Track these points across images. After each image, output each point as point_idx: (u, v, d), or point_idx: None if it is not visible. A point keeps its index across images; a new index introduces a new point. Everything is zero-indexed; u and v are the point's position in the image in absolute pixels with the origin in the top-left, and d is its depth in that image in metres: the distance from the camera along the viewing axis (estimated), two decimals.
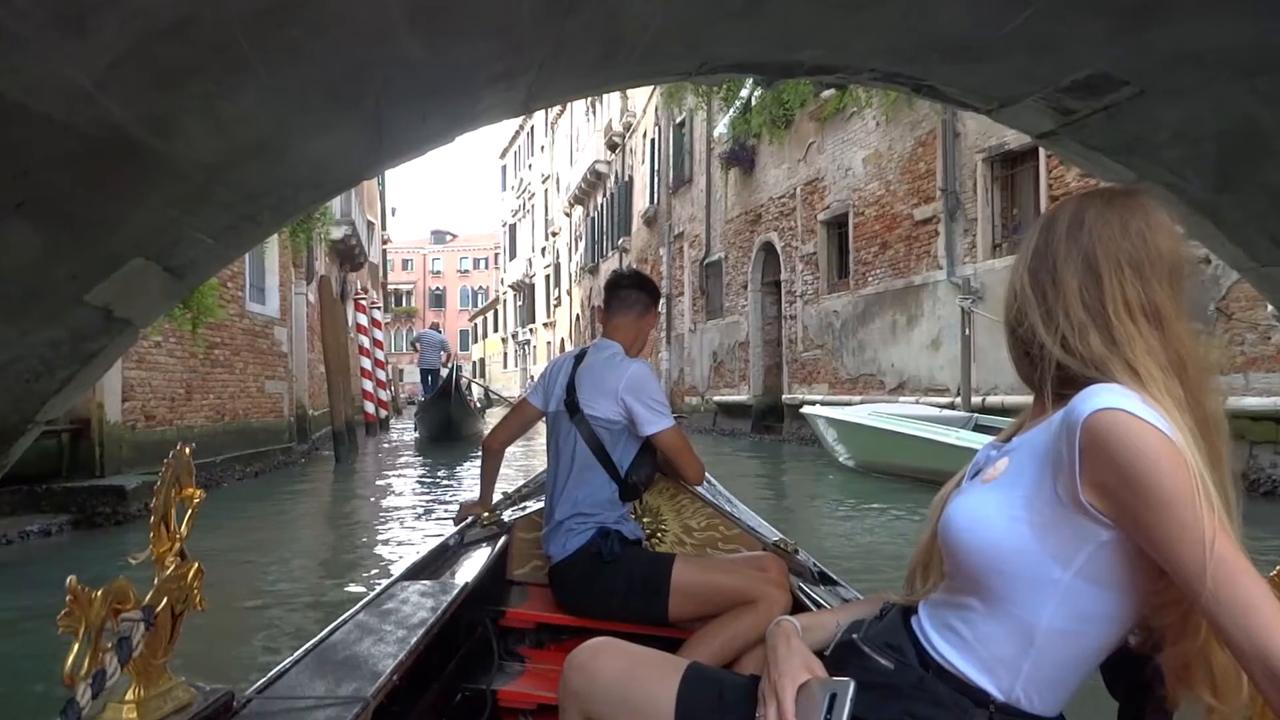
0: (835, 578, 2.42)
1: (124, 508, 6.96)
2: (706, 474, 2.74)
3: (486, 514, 2.75)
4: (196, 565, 1.19)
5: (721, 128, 17.86)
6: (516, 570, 2.67)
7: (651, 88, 23.89)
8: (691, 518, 2.71)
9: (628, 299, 2.60)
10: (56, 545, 6.35)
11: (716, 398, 19.22)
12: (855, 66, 2.97)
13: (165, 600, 1.13)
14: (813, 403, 13.15)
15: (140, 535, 4.94)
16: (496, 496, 2.99)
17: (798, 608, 2.10)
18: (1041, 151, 9.95)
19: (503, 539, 2.64)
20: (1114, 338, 1.01)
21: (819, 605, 2.05)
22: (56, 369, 2.98)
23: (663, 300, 22.25)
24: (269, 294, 12.38)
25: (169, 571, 1.15)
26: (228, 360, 10.44)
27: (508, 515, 2.80)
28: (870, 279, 13.41)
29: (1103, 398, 0.94)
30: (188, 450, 1.22)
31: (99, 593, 1.01)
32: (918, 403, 11.56)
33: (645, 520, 2.69)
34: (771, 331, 17.50)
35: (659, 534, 2.71)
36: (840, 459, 10.92)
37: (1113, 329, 1.02)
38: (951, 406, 10.87)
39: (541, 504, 2.65)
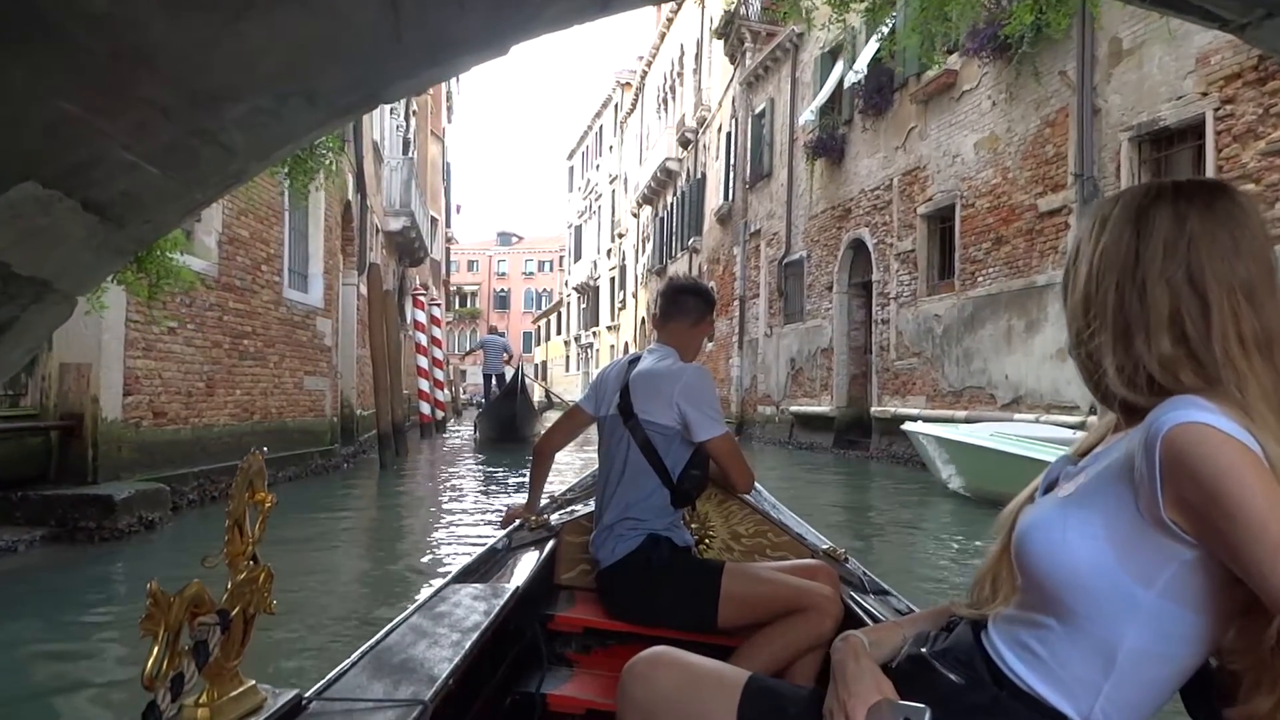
0: (886, 587, 2.34)
1: (111, 521, 5.84)
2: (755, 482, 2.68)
3: (534, 518, 2.72)
4: (267, 569, 1.17)
5: (808, 114, 16.41)
6: (564, 575, 2.64)
7: (729, 78, 22.58)
8: (739, 524, 2.67)
9: (684, 305, 2.56)
10: (19, 569, 5.23)
11: (794, 408, 17.75)
12: None
13: (239, 604, 1.12)
14: (911, 418, 11.68)
15: (134, 556, 5.52)
16: (543, 500, 2.93)
17: (849, 617, 2.08)
18: (1209, 127, 8.35)
19: (550, 543, 2.61)
20: (1216, 375, 0.92)
21: (871, 614, 2.00)
22: None
23: (735, 302, 21.21)
24: (312, 281, 11.29)
25: (242, 576, 1.13)
26: (259, 352, 9.33)
27: (555, 519, 2.76)
28: (980, 279, 11.85)
29: (1182, 411, 0.89)
30: (259, 454, 1.17)
31: (177, 597, 1.00)
32: (1039, 421, 10.00)
33: (693, 526, 2.65)
34: (859, 337, 16.02)
35: (707, 540, 2.67)
36: (949, 483, 9.51)
37: (1219, 366, 0.92)
38: (1082, 427, 9.29)
39: (588, 508, 2.66)
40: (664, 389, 2.38)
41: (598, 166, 46.07)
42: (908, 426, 10.64)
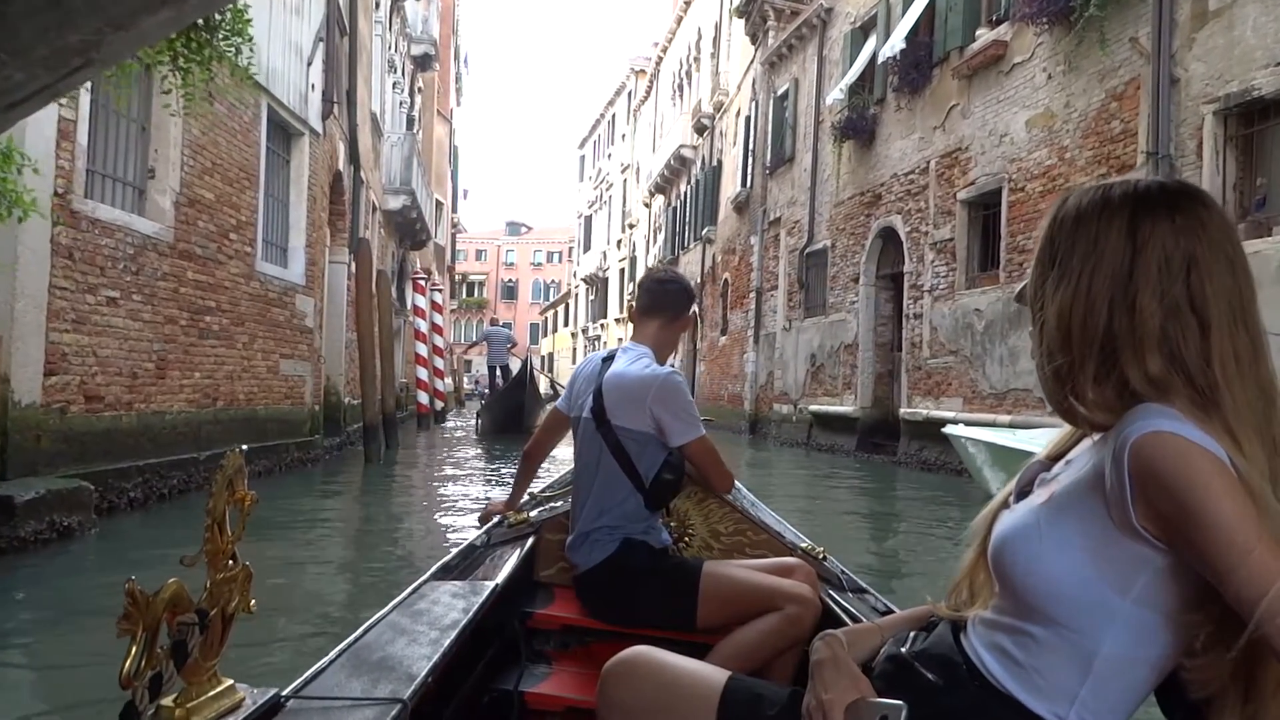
0: (865, 585, 2.33)
1: (10, 529, 4.81)
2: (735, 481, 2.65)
3: (513, 514, 2.68)
4: (246, 568, 1.14)
5: (836, 94, 15.30)
6: (543, 572, 2.58)
7: (749, 60, 21.43)
8: (719, 522, 2.64)
9: (662, 298, 2.52)
10: None
11: (813, 407, 16.67)
12: None
13: (218, 603, 1.10)
14: (945, 420, 10.64)
15: (32, 570, 4.45)
16: (523, 498, 2.86)
17: (827, 615, 2.09)
18: None
19: (530, 539, 2.56)
20: (1211, 397, 0.92)
21: (849, 612, 2.03)
22: None
23: (752, 294, 20.12)
24: (292, 255, 10.23)
25: (221, 575, 1.11)
26: (225, 330, 8.28)
27: (534, 515, 2.70)
28: (1030, 271, 10.73)
29: (1149, 420, 0.90)
30: (239, 453, 1.11)
31: (157, 596, 0.97)
32: None
33: (672, 525, 2.59)
34: (886, 332, 14.93)
35: (686, 538, 2.62)
36: (997, 494, 8.43)
37: (1216, 388, 0.92)
38: None
39: (568, 504, 2.60)
40: (637, 395, 2.33)
41: (609, 155, 45.23)
42: (949, 430, 9.58)
